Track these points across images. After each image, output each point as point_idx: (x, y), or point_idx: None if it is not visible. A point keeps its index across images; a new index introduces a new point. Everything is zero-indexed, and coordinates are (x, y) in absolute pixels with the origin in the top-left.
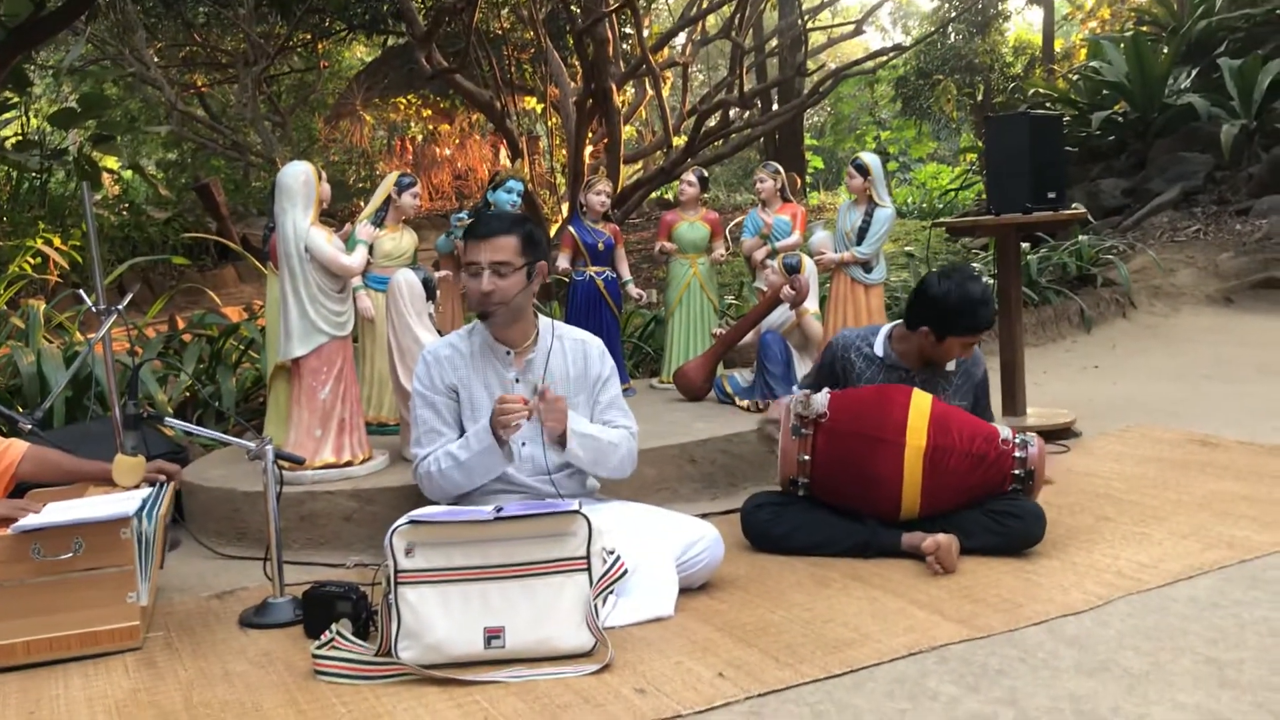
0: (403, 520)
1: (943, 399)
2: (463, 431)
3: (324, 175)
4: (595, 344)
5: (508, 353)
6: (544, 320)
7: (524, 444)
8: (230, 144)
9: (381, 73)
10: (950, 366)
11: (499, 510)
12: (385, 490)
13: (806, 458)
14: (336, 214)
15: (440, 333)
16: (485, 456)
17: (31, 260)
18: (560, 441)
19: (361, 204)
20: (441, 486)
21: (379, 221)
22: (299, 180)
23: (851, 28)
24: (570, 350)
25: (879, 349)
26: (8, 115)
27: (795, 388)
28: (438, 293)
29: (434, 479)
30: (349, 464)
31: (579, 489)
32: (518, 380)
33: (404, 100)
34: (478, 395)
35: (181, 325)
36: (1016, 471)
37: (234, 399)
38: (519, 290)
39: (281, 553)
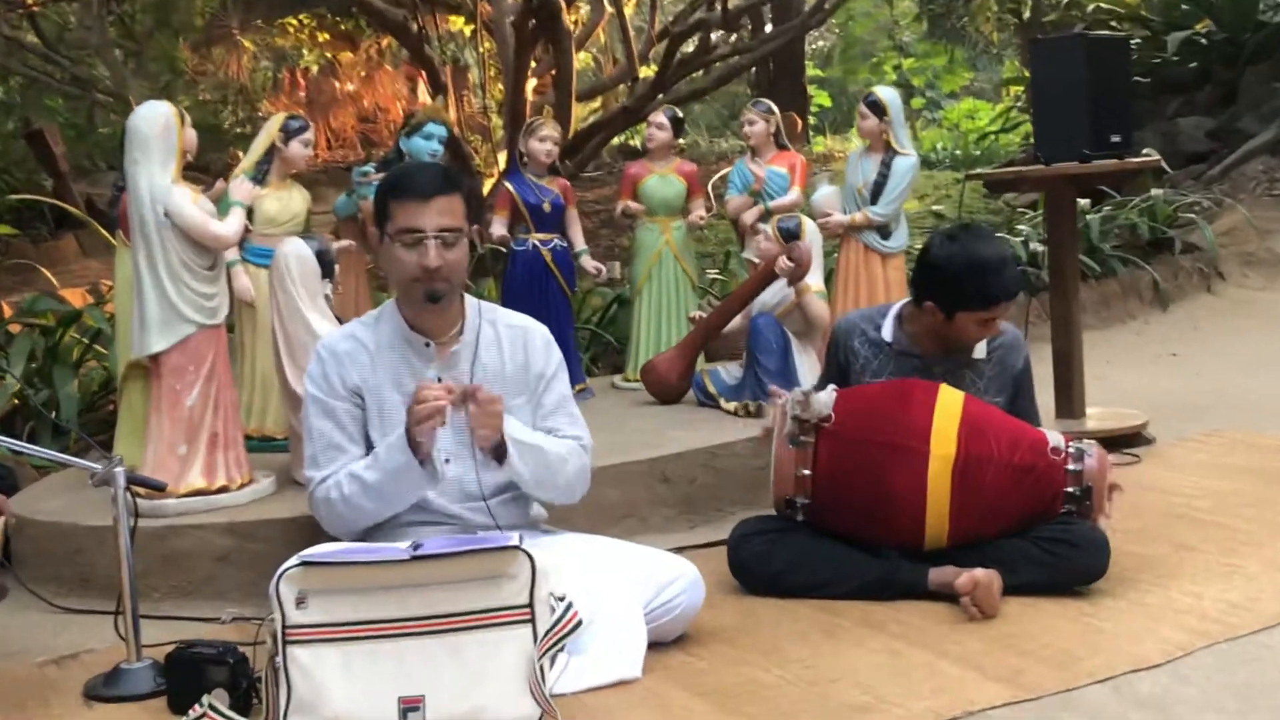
0: (293, 561)
1: (971, 394)
2: (370, 447)
3: (188, 119)
4: (538, 331)
5: (427, 344)
6: (471, 301)
7: (448, 461)
8: (70, 78)
9: None
10: (979, 353)
11: (417, 547)
12: (270, 523)
13: (807, 472)
14: (209, 168)
15: (340, 320)
16: (401, 476)
17: None
18: (498, 454)
19: (240, 154)
20: (345, 516)
21: (261, 177)
22: (157, 125)
23: None
24: (506, 339)
25: (887, 333)
26: None
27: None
28: (336, 268)
29: (335, 507)
30: (223, 489)
31: (520, 518)
32: (440, 380)
33: (294, 22)
34: (388, 400)
35: (8, 313)
36: (1070, 489)
37: (76, 407)
38: (465, 262)
39: (138, 605)
